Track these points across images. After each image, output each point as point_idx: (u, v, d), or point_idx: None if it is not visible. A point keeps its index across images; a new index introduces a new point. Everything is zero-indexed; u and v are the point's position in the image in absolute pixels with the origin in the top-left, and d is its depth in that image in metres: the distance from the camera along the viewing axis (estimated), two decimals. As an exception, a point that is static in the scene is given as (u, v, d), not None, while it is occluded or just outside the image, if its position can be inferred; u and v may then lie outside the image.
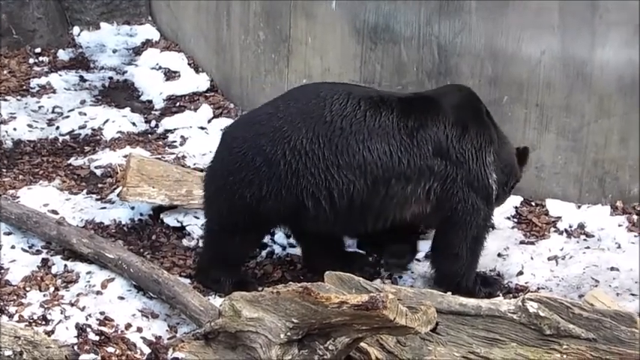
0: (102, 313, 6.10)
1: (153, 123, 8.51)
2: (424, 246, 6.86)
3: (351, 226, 6.40)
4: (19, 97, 8.80)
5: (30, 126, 8.31)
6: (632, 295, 6.50)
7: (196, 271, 6.62)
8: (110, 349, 5.76)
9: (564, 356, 5.40)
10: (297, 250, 6.84)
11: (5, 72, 9.17)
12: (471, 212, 6.32)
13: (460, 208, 6.29)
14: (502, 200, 6.80)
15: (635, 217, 7.25)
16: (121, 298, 6.29)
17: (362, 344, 5.28)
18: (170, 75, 9.15)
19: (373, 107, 6.19)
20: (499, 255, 6.95)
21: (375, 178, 6.14)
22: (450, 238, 6.39)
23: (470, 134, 6.30)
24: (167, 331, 6.07)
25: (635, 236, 7.07)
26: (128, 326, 6.03)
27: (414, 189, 6.22)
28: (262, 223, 6.34)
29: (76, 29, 9.87)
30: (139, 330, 6.01)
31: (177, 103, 8.78)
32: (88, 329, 5.91)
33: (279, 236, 6.99)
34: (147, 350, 5.77)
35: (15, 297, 6.21)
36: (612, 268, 6.77)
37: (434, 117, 6.27)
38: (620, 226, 7.17)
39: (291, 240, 6.90)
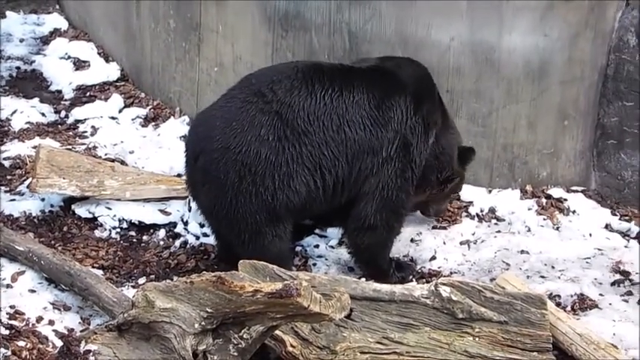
0: (12, 307, 6.00)
1: (62, 113, 8.39)
2: (337, 233, 6.91)
3: (332, 204, 6.38)
4: None
5: None
6: (542, 277, 6.60)
7: None
8: (21, 343, 5.66)
9: (476, 339, 5.48)
10: (211, 240, 6.80)
11: None
12: (399, 186, 6.36)
13: (393, 180, 6.33)
14: (439, 192, 6.83)
15: (544, 200, 7.37)
16: (32, 291, 6.20)
17: (277, 332, 5.30)
18: (79, 64, 9.02)
19: (347, 80, 6.27)
20: (412, 240, 7.01)
21: (353, 154, 6.22)
22: (371, 209, 6.38)
23: (422, 109, 6.40)
24: (80, 323, 6.00)
25: (545, 219, 7.19)
26: (39, 319, 5.94)
27: (377, 160, 6.29)
28: (281, 216, 6.21)
29: (-20, 18, 9.70)
30: (51, 323, 5.93)
31: (88, 93, 8.67)
32: (-2, 323, 5.82)
33: (193, 226, 6.95)
34: (59, 343, 5.70)
35: None
36: (522, 252, 6.87)
37: (396, 87, 6.36)
38: (529, 209, 7.27)
39: (205, 229, 6.86)
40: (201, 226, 6.91)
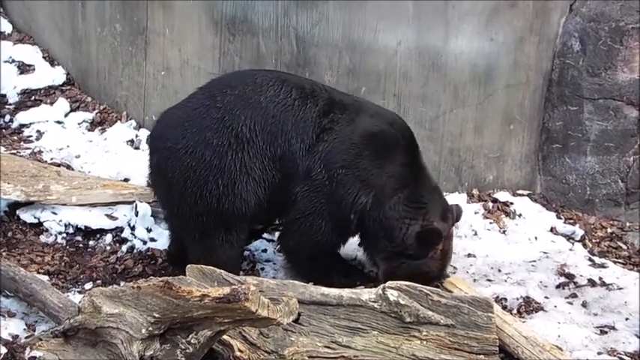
0: (-45, 314, 5.94)
1: (7, 117, 8.31)
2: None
3: (274, 215, 6.50)
4: None
5: None
6: (489, 280, 6.64)
7: None
8: (-36, 351, 5.61)
9: (424, 342, 5.50)
10: (159, 245, 6.78)
11: None
12: (316, 229, 6.24)
13: (309, 220, 6.23)
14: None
15: (490, 204, 7.42)
16: (-24, 297, 6.15)
17: (225, 337, 5.28)
18: (24, 68, 8.93)
19: (302, 97, 6.19)
20: (360, 244, 7.00)
21: (285, 174, 6.17)
22: (292, 243, 6.38)
23: (363, 159, 6.18)
24: (25, 329, 5.92)
25: (491, 223, 7.23)
26: (-17, 326, 5.89)
27: (299, 189, 6.20)
28: (229, 223, 6.21)
29: None
30: (-5, 330, 5.88)
31: (33, 97, 8.59)
32: (-59, 331, 5.74)
33: (140, 231, 6.91)
34: (3, 350, 5.62)
35: None
36: (469, 255, 6.91)
37: (344, 121, 6.20)
38: (476, 213, 7.32)
39: (152, 234, 6.83)
40: (149, 230, 6.88)
